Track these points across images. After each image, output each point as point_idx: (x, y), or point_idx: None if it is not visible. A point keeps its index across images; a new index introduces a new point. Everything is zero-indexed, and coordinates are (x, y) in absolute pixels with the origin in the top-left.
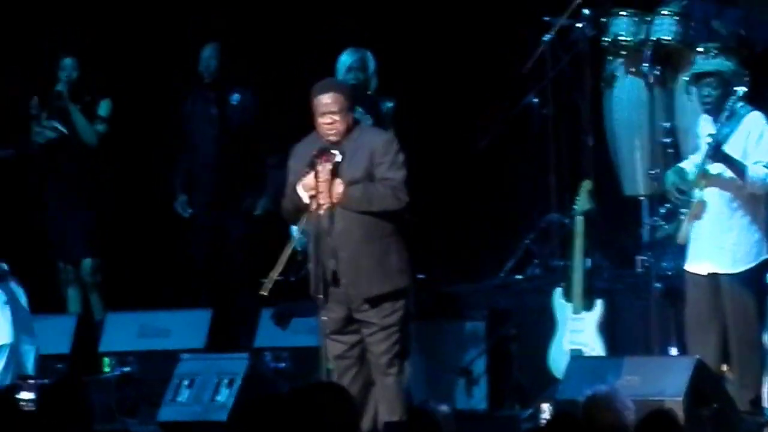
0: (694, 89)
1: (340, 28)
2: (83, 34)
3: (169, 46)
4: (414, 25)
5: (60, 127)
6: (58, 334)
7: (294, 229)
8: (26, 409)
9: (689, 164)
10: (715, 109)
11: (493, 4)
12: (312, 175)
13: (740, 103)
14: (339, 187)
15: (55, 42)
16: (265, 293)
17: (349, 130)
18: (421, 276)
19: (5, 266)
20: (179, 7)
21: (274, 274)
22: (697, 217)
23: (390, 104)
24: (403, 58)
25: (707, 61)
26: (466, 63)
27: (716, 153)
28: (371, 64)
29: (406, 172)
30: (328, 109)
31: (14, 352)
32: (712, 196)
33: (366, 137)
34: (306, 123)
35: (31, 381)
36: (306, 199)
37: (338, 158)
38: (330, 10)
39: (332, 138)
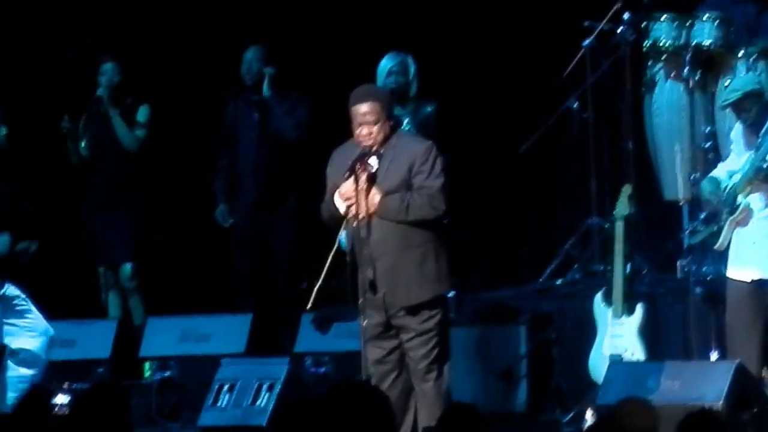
0: (730, 113)
1: (381, 31)
2: (124, 38)
3: (211, 49)
4: (456, 29)
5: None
6: (98, 339)
7: (342, 235)
8: (59, 413)
9: (722, 172)
10: (757, 123)
11: (534, 8)
12: (349, 183)
13: None
14: (376, 197)
15: (95, 46)
16: (308, 306)
17: (386, 138)
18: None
19: None
20: (220, 10)
21: (317, 285)
22: (741, 223)
23: (431, 108)
24: (444, 62)
25: (738, 83)
26: (507, 67)
27: None
28: (412, 67)
29: (445, 179)
30: (365, 120)
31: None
32: (757, 202)
33: (404, 145)
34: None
35: (66, 386)
36: (342, 208)
37: (374, 168)
38: (372, 13)
39: (371, 147)
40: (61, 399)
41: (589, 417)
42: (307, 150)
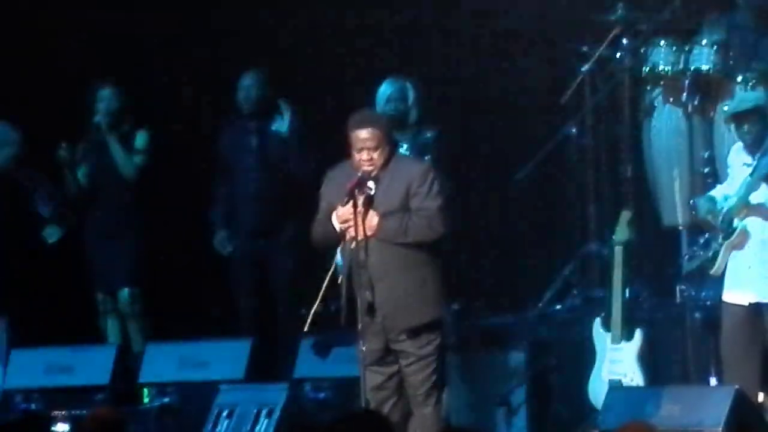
0: (732, 125)
1: (381, 57)
2: (121, 64)
3: (207, 75)
4: (454, 54)
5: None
6: (97, 365)
7: (339, 258)
8: None
9: (719, 193)
10: (756, 144)
11: (533, 34)
12: (348, 206)
13: None
14: (374, 219)
15: (92, 73)
16: (306, 327)
17: (386, 163)
18: (455, 307)
19: None
20: (217, 36)
21: (316, 308)
22: (737, 247)
23: (431, 134)
24: (443, 87)
25: (743, 97)
26: (505, 93)
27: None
28: (411, 94)
29: (443, 201)
30: (365, 145)
31: None
32: (753, 225)
33: (402, 167)
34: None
35: (66, 413)
36: (339, 230)
37: (372, 191)
38: (371, 39)
39: (371, 172)
40: (61, 427)
41: None
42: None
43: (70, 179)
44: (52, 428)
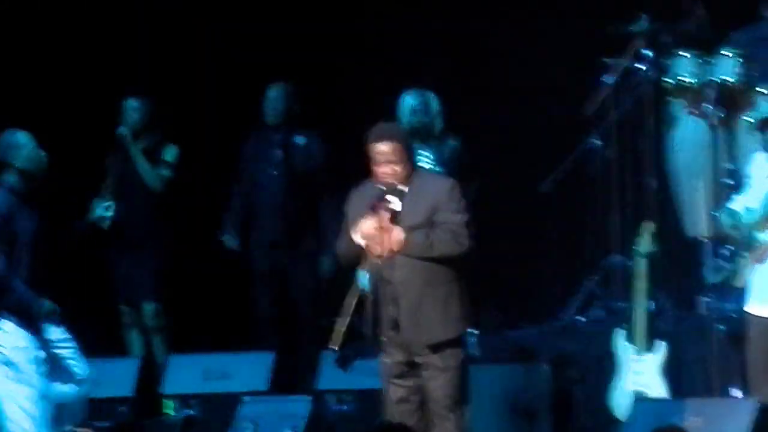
0: (757, 132)
1: (402, 68)
2: (149, 76)
3: (235, 88)
4: (476, 66)
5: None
6: (120, 378)
7: (361, 274)
8: None
9: (740, 205)
10: None
11: (556, 45)
12: (370, 221)
13: None
14: (399, 234)
15: (121, 84)
16: (335, 347)
17: (407, 177)
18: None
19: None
20: (240, 48)
21: (342, 326)
22: (761, 260)
23: (454, 144)
24: (466, 99)
25: None
26: (528, 104)
27: None
28: (434, 105)
29: (469, 216)
30: (387, 159)
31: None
32: None
33: (427, 183)
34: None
35: (89, 427)
36: (362, 245)
37: (397, 207)
38: (394, 51)
39: (392, 186)
40: None
41: None
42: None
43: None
44: None
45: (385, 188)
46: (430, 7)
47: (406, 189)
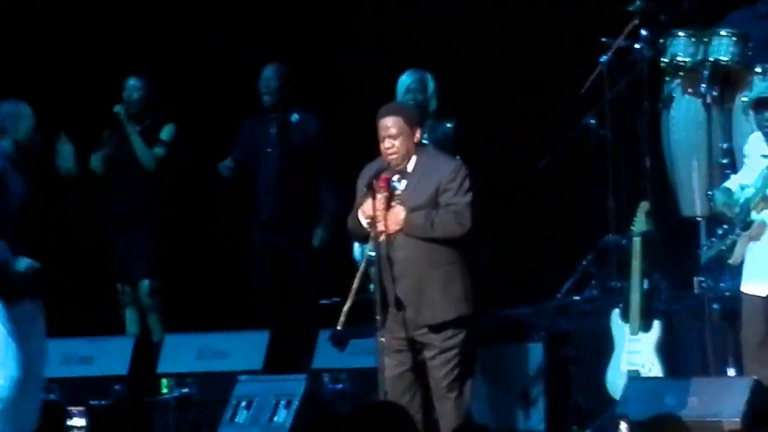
0: (751, 111)
1: (400, 49)
2: (149, 55)
3: (228, 67)
4: (473, 46)
5: (98, 162)
6: (116, 356)
7: (357, 252)
8: None
9: (735, 184)
10: None
11: (552, 25)
12: (370, 200)
13: None
14: (400, 213)
15: (121, 62)
16: (340, 327)
17: (409, 153)
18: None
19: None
20: (237, 28)
21: (348, 306)
22: (755, 239)
23: (449, 125)
24: (463, 79)
25: (766, 85)
26: (524, 84)
27: None
28: (431, 84)
29: (471, 198)
30: (387, 133)
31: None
32: None
33: (433, 164)
34: (365, 145)
35: (81, 407)
36: (365, 225)
37: (399, 189)
38: (390, 31)
39: (394, 162)
40: (78, 422)
41: (624, 430)
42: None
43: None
44: (68, 422)
45: (383, 165)
46: None
47: (410, 168)
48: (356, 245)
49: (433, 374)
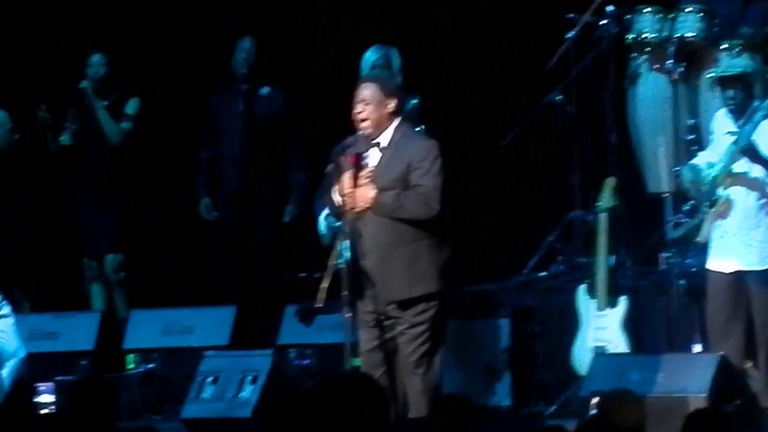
0: (717, 88)
1: (366, 24)
2: (112, 31)
3: (198, 40)
4: (439, 22)
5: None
6: (82, 331)
7: (323, 226)
8: (45, 411)
9: (702, 161)
10: (739, 110)
11: (518, 1)
12: (345, 177)
13: (762, 101)
14: (370, 192)
15: (84, 38)
16: (321, 305)
17: (381, 122)
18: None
19: None
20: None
21: (326, 283)
22: (721, 216)
23: (414, 101)
24: (427, 55)
25: (732, 62)
26: (490, 60)
27: (752, 155)
28: (396, 61)
29: (442, 180)
30: (360, 98)
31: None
32: (737, 194)
33: (407, 141)
34: (333, 120)
35: (49, 383)
36: (337, 200)
37: (369, 161)
38: (357, 7)
39: (364, 130)
40: (46, 398)
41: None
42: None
43: (50, 140)
44: (35, 399)
45: (348, 142)
46: None
47: (385, 143)
48: (321, 219)
49: (402, 349)
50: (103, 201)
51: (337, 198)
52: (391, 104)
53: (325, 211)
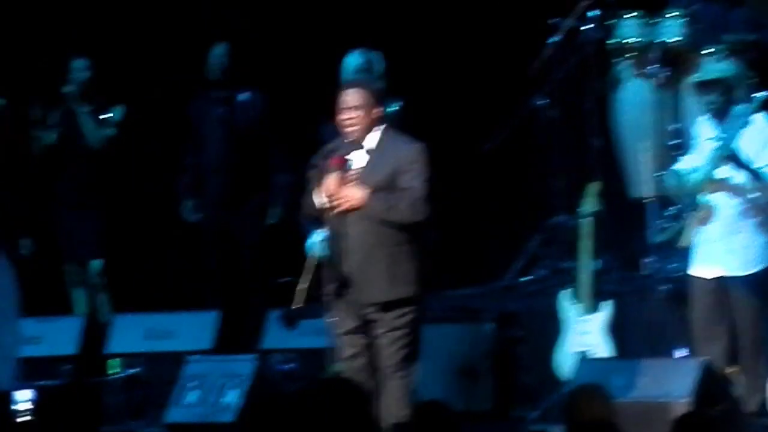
0: (698, 94)
1: (348, 28)
2: (97, 36)
3: (177, 46)
4: (421, 27)
5: (51, 135)
6: (64, 336)
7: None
8: (23, 418)
9: (685, 166)
10: (720, 115)
11: (500, 6)
12: (329, 179)
13: (744, 107)
14: (357, 192)
15: (68, 43)
16: (298, 305)
17: (369, 129)
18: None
19: None
20: (186, 7)
21: (304, 285)
22: (703, 221)
23: (395, 106)
24: (410, 60)
25: (711, 66)
26: (472, 65)
27: (734, 161)
28: (377, 66)
29: (429, 186)
30: (347, 105)
31: None
32: (720, 200)
33: (394, 144)
34: (314, 124)
35: (26, 390)
36: (321, 203)
37: (354, 164)
38: (338, 10)
39: (352, 135)
40: (24, 406)
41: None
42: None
43: (35, 140)
44: (14, 406)
45: (339, 146)
46: None
47: (371, 145)
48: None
49: (381, 353)
50: (84, 206)
51: (319, 200)
52: (379, 110)
53: (319, 236)
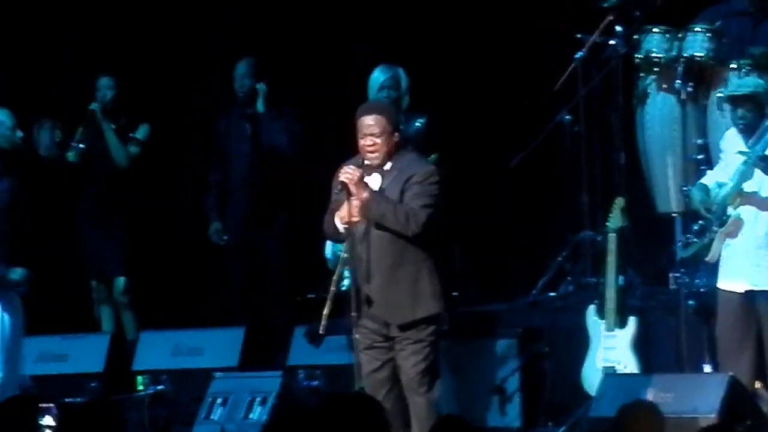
0: (727, 107)
1: (372, 44)
2: (123, 54)
3: (203, 64)
4: (447, 42)
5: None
6: (91, 353)
7: (329, 251)
8: None
9: (711, 180)
10: (750, 129)
11: (527, 21)
12: (345, 205)
13: None
14: (364, 192)
15: (93, 61)
16: (323, 332)
17: (390, 153)
18: (454, 294)
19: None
20: (212, 24)
21: (327, 310)
22: (732, 235)
23: (420, 122)
24: (435, 75)
25: (742, 81)
26: (499, 80)
27: (764, 170)
28: (404, 81)
29: (432, 205)
30: (369, 131)
31: None
32: (747, 213)
33: (409, 165)
34: (341, 142)
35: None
36: (341, 229)
37: (373, 185)
38: (363, 26)
39: (374, 161)
40: (48, 421)
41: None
42: (299, 164)
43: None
44: (39, 421)
45: (360, 164)
46: None
47: (387, 167)
48: (328, 244)
49: (404, 368)
50: (109, 223)
51: (341, 226)
52: (397, 134)
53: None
